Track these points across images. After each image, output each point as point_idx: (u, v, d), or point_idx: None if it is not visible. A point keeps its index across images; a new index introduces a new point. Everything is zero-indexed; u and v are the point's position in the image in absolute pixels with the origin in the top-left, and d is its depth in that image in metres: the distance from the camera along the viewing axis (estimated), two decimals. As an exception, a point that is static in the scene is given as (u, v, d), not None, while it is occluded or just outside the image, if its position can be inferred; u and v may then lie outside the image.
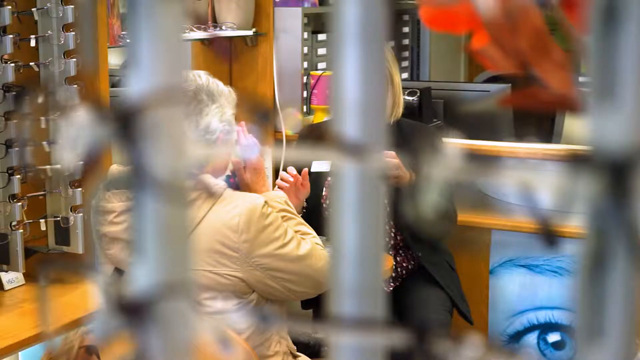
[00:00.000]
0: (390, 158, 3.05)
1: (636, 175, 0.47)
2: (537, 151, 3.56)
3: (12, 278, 2.88)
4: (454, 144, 3.42)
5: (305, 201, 3.25)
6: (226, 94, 2.37)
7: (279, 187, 3.10)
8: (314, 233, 2.54)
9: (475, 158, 0.56)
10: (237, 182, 3.60)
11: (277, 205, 2.51)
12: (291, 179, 3.00)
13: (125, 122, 0.41)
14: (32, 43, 2.81)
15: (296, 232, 2.42)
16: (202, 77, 2.36)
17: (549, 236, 0.46)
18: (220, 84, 2.39)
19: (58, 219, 2.90)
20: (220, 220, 2.21)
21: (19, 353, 2.80)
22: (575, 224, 0.54)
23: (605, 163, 0.48)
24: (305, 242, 2.38)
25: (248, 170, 2.63)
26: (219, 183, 2.28)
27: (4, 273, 2.84)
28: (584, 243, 0.50)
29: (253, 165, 2.63)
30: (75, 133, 0.40)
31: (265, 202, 2.30)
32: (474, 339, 0.45)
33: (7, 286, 2.86)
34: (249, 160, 2.66)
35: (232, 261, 2.22)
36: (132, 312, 0.42)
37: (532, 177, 0.46)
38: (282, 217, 2.41)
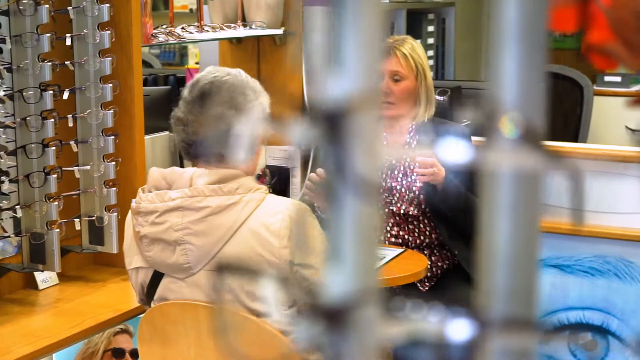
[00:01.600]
0: (427, 156, 3.04)
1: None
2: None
3: (46, 277, 2.87)
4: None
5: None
6: (264, 92, 2.35)
7: (307, 188, 3.09)
8: None
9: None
10: (267, 182, 3.60)
11: None
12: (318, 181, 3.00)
13: (331, 124, 0.39)
14: (68, 42, 2.80)
15: None
16: (242, 74, 2.34)
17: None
18: (257, 82, 2.37)
19: (93, 218, 2.90)
20: (262, 223, 2.19)
21: (53, 355, 2.80)
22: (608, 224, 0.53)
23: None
24: None
25: None
26: (261, 187, 2.27)
27: (38, 273, 2.84)
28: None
29: None
30: (249, 132, 0.39)
31: (308, 209, 2.29)
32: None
33: (41, 286, 2.86)
34: None
35: (271, 266, 2.21)
36: (331, 318, 0.41)
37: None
38: None
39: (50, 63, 2.69)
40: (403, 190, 3.23)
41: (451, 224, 3.20)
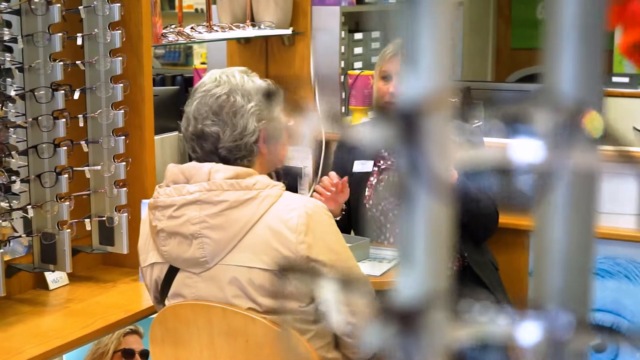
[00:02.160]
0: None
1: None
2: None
3: (57, 278, 2.86)
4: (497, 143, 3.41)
5: (348, 202, 3.23)
6: (265, 90, 2.33)
7: (317, 192, 3.07)
8: None
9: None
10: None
11: None
12: (331, 187, 2.99)
13: (406, 124, 0.38)
14: (79, 41, 2.79)
15: None
16: (237, 76, 2.32)
17: None
18: (259, 80, 2.35)
19: (103, 218, 2.89)
20: (279, 219, 2.19)
21: (63, 355, 2.79)
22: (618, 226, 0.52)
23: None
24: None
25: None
26: (278, 184, 2.26)
27: (48, 273, 2.83)
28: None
29: None
30: (308, 133, 0.38)
31: (325, 206, 2.29)
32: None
33: (51, 286, 2.85)
34: None
35: (288, 261, 2.20)
36: (403, 321, 0.40)
37: None
38: None
39: (61, 63, 2.68)
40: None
41: (462, 227, 3.19)
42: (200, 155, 2.29)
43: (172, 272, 2.31)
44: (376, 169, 3.30)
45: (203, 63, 5.71)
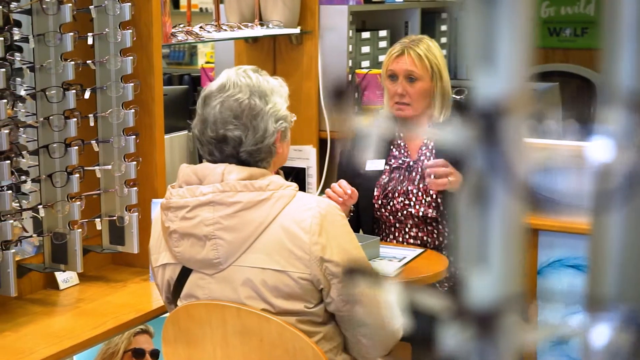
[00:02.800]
0: (441, 167, 3.02)
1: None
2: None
3: (67, 277, 2.86)
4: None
5: (357, 202, 3.23)
6: (278, 89, 2.32)
7: (327, 196, 3.06)
8: None
9: None
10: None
11: None
12: (342, 193, 2.98)
13: (487, 124, 0.38)
14: (90, 41, 2.79)
15: None
16: (252, 77, 2.30)
17: None
18: (271, 79, 2.34)
19: (113, 218, 2.88)
20: (292, 220, 2.18)
21: (74, 356, 2.78)
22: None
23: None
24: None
25: None
26: (292, 184, 2.25)
27: (58, 273, 2.83)
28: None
29: None
30: (375, 133, 0.38)
31: (338, 207, 2.28)
32: None
33: (62, 286, 2.85)
34: None
35: (301, 262, 2.19)
36: (480, 323, 0.40)
37: None
38: None
39: (72, 62, 2.67)
40: (420, 193, 3.22)
41: None
42: (218, 159, 2.26)
43: (184, 273, 2.30)
44: (387, 167, 3.29)
45: (208, 62, 5.71)
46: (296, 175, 3.97)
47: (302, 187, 3.90)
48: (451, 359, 0.41)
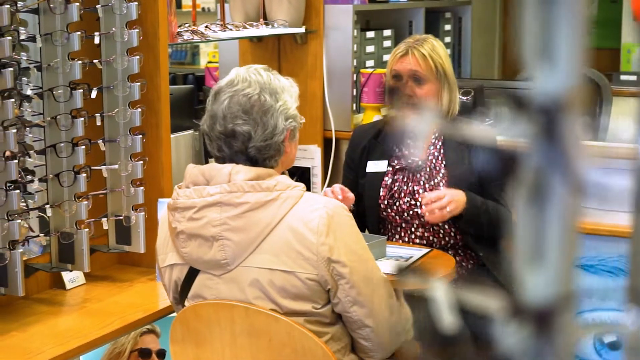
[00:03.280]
0: (440, 200, 3.02)
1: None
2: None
3: (74, 277, 2.86)
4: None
5: (362, 202, 3.22)
6: (288, 88, 2.33)
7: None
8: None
9: None
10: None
11: None
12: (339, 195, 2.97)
13: (547, 120, 0.38)
14: (97, 40, 2.78)
15: None
16: (263, 75, 2.31)
17: None
18: (282, 78, 2.34)
19: (120, 218, 2.88)
20: (300, 220, 2.17)
21: (80, 356, 2.78)
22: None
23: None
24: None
25: None
26: (299, 184, 2.25)
27: (65, 272, 2.82)
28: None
29: None
30: (422, 129, 0.37)
31: (347, 207, 2.28)
32: None
33: (68, 285, 2.84)
34: None
35: (309, 263, 2.19)
36: (537, 321, 0.39)
37: None
38: None
39: (80, 61, 2.67)
40: (426, 194, 3.21)
41: (478, 230, 3.19)
42: (227, 155, 2.25)
43: (192, 273, 2.30)
44: (390, 168, 3.29)
45: (210, 62, 5.70)
46: (301, 175, 3.96)
47: (307, 187, 3.89)
48: (504, 358, 0.41)
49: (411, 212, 3.22)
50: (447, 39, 5.05)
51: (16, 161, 2.49)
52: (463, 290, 0.48)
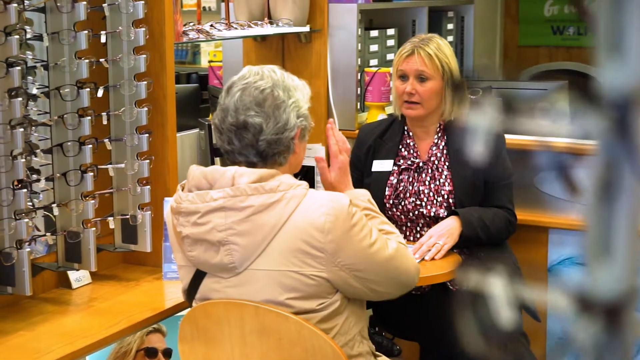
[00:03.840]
0: (432, 243, 3.04)
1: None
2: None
3: (80, 276, 2.85)
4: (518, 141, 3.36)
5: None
6: (301, 88, 2.33)
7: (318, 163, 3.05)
8: (397, 232, 2.50)
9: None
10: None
11: (361, 203, 2.47)
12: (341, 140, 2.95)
13: (618, 114, 0.37)
14: (103, 39, 2.77)
15: (380, 230, 2.38)
16: (277, 72, 2.32)
17: None
18: (296, 78, 2.35)
19: (126, 217, 2.87)
20: (305, 219, 2.17)
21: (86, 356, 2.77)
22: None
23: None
24: (390, 241, 2.34)
25: (333, 169, 2.59)
26: (302, 183, 2.24)
27: (71, 272, 2.81)
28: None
29: (339, 164, 2.58)
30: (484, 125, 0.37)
31: (350, 201, 2.25)
32: None
33: (75, 285, 2.83)
34: (335, 159, 2.61)
35: (317, 261, 2.18)
36: (608, 317, 0.39)
37: None
38: (366, 215, 2.37)
39: (87, 60, 2.66)
40: (431, 194, 3.21)
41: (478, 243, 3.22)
42: (237, 148, 2.25)
43: (199, 275, 2.29)
44: (395, 168, 3.28)
45: (212, 61, 5.69)
46: (305, 174, 3.96)
47: (312, 186, 3.89)
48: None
49: (416, 212, 3.21)
50: (450, 38, 5.04)
51: (23, 160, 2.48)
52: (525, 287, 0.47)
